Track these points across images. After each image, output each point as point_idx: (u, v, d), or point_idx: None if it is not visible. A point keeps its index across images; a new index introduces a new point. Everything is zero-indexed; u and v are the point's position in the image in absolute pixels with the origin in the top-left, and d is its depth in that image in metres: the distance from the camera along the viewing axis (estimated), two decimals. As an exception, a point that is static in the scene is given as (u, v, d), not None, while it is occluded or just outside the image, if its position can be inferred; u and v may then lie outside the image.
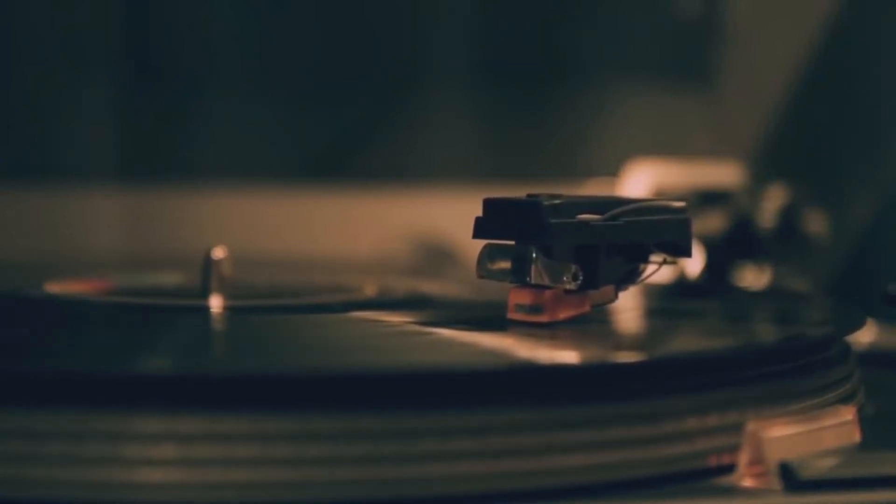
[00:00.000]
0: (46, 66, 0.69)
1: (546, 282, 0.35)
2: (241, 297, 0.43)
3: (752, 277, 0.56)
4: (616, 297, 0.37)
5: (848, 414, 0.33)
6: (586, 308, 0.36)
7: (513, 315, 0.36)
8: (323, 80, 0.72)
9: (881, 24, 0.68)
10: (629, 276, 0.37)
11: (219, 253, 0.43)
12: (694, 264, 0.54)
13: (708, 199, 0.57)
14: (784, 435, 0.31)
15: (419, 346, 0.34)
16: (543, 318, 0.35)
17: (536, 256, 0.35)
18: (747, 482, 0.30)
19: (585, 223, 0.35)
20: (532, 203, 0.35)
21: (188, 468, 0.28)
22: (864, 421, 0.34)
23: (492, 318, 0.37)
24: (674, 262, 0.38)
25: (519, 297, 0.36)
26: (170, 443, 0.28)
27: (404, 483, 0.28)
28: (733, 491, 0.30)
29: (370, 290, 0.46)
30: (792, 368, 0.34)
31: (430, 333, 0.36)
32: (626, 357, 0.34)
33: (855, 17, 0.68)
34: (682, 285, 0.53)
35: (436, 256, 0.68)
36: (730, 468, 0.31)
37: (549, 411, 0.29)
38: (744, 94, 0.73)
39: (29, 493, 0.27)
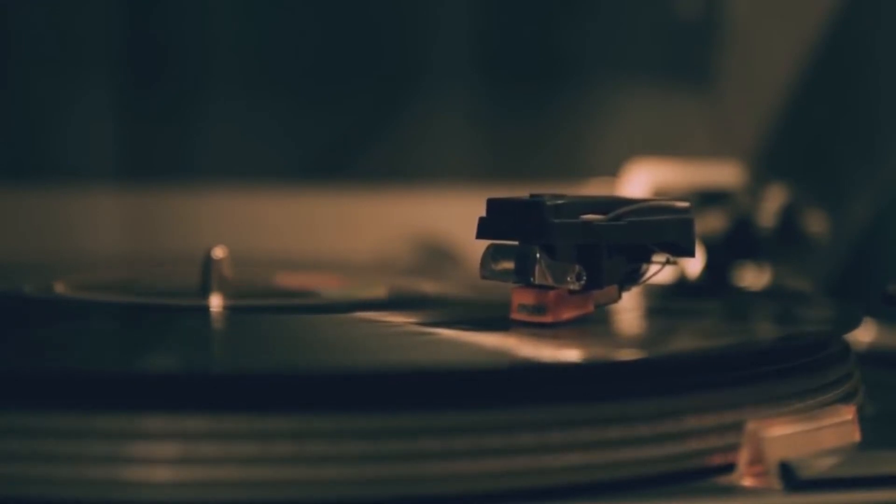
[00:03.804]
0: (46, 66, 0.69)
1: (549, 282, 0.35)
2: (242, 296, 0.43)
3: (752, 277, 0.56)
4: (619, 297, 0.37)
5: (848, 414, 0.33)
6: (589, 308, 0.37)
7: (516, 315, 0.36)
8: (323, 80, 0.72)
9: (881, 24, 0.68)
10: (632, 277, 0.37)
11: (219, 253, 0.43)
12: (694, 264, 0.54)
13: (708, 199, 0.57)
14: (784, 434, 0.31)
15: (421, 345, 0.34)
16: (547, 319, 0.35)
17: (540, 257, 0.35)
18: (747, 482, 0.30)
19: (588, 223, 0.35)
20: (535, 203, 0.35)
21: (189, 467, 0.28)
22: (864, 421, 0.34)
23: (494, 319, 0.37)
24: (676, 263, 0.38)
25: (522, 298, 0.36)
26: (170, 442, 0.28)
27: (406, 482, 0.28)
28: (733, 490, 0.30)
29: (371, 290, 0.46)
30: (792, 368, 0.34)
31: (433, 333, 0.36)
32: (627, 356, 0.34)
33: (855, 17, 0.68)
34: (682, 285, 0.53)
35: (436, 256, 0.68)
36: (730, 468, 0.31)
37: (550, 410, 0.30)
38: (744, 94, 0.73)
39: (29, 492, 0.28)
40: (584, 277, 0.36)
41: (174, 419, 0.28)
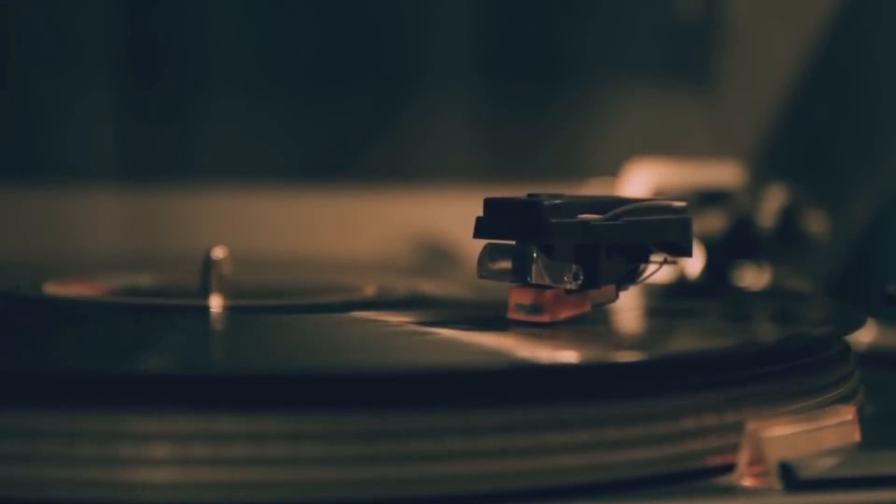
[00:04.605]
0: (46, 66, 0.69)
1: (547, 281, 0.35)
2: (241, 296, 0.43)
3: (752, 277, 0.56)
4: (617, 296, 0.37)
5: (848, 414, 0.33)
6: (587, 308, 0.36)
7: (513, 315, 0.36)
8: (323, 80, 0.72)
9: (881, 24, 0.68)
10: (630, 276, 0.37)
11: (219, 253, 0.43)
12: (694, 264, 0.54)
13: (708, 199, 0.57)
14: (784, 435, 0.31)
15: (420, 345, 0.34)
16: (544, 318, 0.35)
17: (537, 256, 0.35)
18: (747, 482, 0.30)
19: (586, 223, 0.35)
20: (533, 202, 0.35)
21: (188, 468, 0.28)
22: (864, 421, 0.34)
23: (492, 318, 0.37)
24: (674, 262, 0.38)
25: (520, 297, 0.36)
26: (169, 443, 0.28)
27: (403, 483, 0.28)
28: (733, 491, 0.30)
29: (370, 289, 0.46)
30: (792, 368, 0.34)
31: (431, 333, 0.36)
32: (626, 357, 0.34)
33: (855, 17, 0.68)
34: (682, 285, 0.53)
35: (436, 256, 0.68)
36: (730, 468, 0.31)
37: (549, 411, 0.30)
38: (744, 94, 0.73)
39: (29, 493, 0.27)
40: (582, 277, 0.36)
41: (173, 420, 0.28)
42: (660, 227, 0.37)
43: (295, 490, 0.28)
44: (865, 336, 0.49)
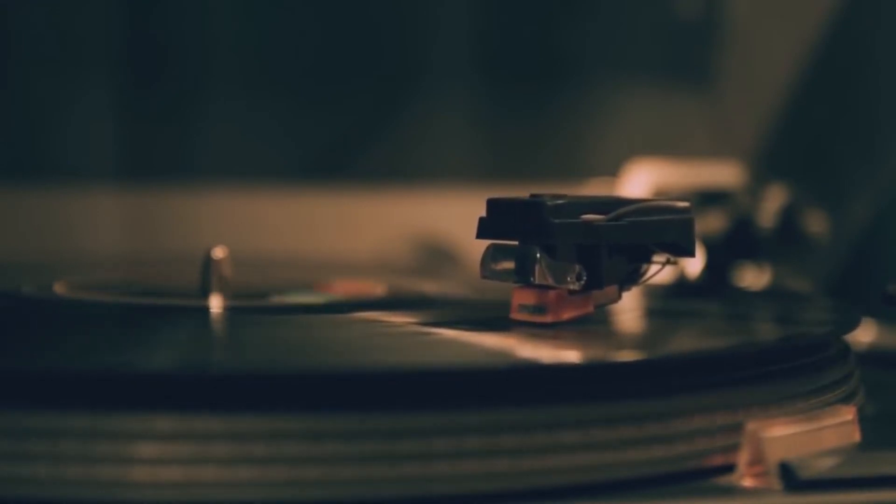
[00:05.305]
0: (46, 66, 0.69)
1: (550, 282, 0.35)
2: (241, 297, 0.43)
3: (752, 277, 0.56)
4: (619, 297, 0.37)
5: (848, 414, 0.33)
6: (590, 308, 0.36)
7: (516, 315, 0.36)
8: (323, 80, 0.72)
9: (881, 24, 0.68)
10: (632, 277, 0.37)
11: (219, 253, 0.43)
12: (694, 264, 0.54)
13: (708, 199, 0.57)
14: (784, 435, 0.31)
15: (421, 345, 0.34)
16: (547, 319, 0.35)
17: (540, 257, 0.35)
18: (747, 482, 0.30)
19: (589, 223, 0.35)
20: (535, 203, 0.35)
21: (189, 467, 0.28)
22: (864, 421, 0.34)
23: (494, 319, 0.37)
24: (676, 263, 0.38)
25: (522, 298, 0.36)
26: (168, 442, 0.28)
27: (407, 482, 0.28)
28: (733, 491, 0.30)
29: (371, 290, 0.46)
30: (792, 368, 0.34)
31: (433, 333, 0.36)
32: (627, 357, 0.34)
33: (855, 17, 0.68)
34: (682, 285, 0.53)
35: (436, 256, 0.68)
36: (730, 468, 0.31)
37: (550, 410, 0.30)
38: (744, 94, 0.73)
39: (27, 492, 0.28)
40: (585, 277, 0.36)
41: (172, 419, 0.28)
42: (662, 228, 0.37)
43: (297, 490, 0.28)
44: (865, 336, 0.49)
